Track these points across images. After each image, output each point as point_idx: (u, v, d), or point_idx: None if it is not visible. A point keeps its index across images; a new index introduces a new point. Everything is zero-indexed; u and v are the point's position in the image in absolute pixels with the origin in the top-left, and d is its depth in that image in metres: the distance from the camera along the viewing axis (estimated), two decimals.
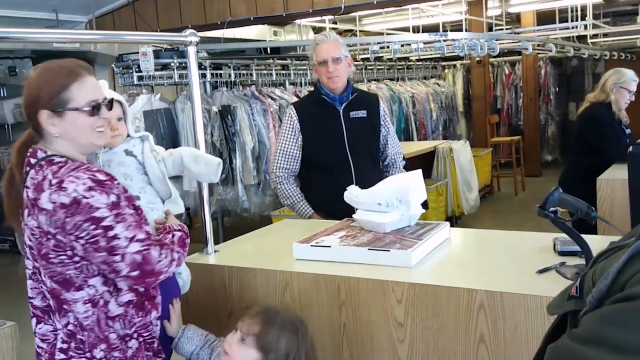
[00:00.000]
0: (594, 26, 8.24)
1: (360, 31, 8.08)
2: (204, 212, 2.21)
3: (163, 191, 1.84)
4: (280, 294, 1.87)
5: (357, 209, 2.16)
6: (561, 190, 1.50)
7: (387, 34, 8.02)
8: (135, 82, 4.98)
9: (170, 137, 4.85)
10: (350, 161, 2.73)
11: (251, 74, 5.60)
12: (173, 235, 1.61)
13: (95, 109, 1.49)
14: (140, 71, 4.75)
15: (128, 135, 1.83)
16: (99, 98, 1.51)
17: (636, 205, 1.97)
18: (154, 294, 1.60)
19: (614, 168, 3.51)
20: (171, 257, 1.51)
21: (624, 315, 0.59)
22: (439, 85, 8.58)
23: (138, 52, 4.67)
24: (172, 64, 4.91)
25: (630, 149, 2.31)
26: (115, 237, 1.40)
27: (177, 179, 3.71)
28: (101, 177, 1.42)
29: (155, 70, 4.81)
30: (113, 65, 5.35)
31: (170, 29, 5.45)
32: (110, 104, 1.57)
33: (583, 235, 1.58)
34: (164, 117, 4.81)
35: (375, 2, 4.72)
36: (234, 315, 1.91)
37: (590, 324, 0.64)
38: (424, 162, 5.79)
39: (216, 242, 2.26)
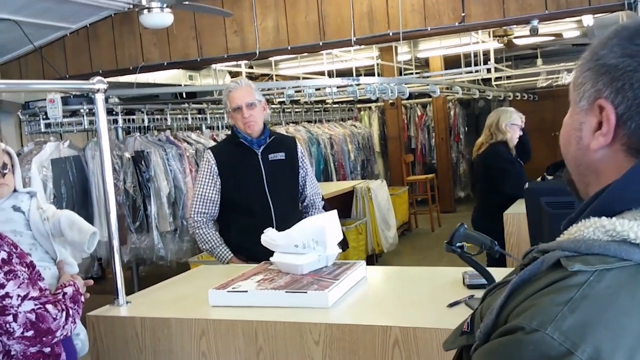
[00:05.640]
0: (497, 69, 8.79)
1: (276, 75, 8.20)
2: (114, 262, 2.12)
3: (50, 250, 1.77)
4: (195, 343, 1.81)
5: (274, 252, 2.15)
6: (466, 226, 1.57)
7: (303, 78, 8.21)
8: (43, 130, 4.78)
9: (80, 185, 4.66)
10: (270, 203, 2.73)
11: (166, 119, 5.51)
12: (64, 293, 1.53)
13: None
14: (48, 118, 4.58)
15: (15, 190, 1.77)
16: None
17: (534, 237, 2.09)
18: (58, 352, 1.51)
19: (519, 203, 3.69)
20: (67, 313, 1.44)
21: (505, 348, 0.62)
22: (356, 127, 8.80)
23: (45, 99, 4.50)
24: (82, 111, 4.77)
25: (527, 185, 2.45)
26: (6, 295, 1.32)
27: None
28: None
29: (64, 116, 4.63)
30: (19, 113, 5.12)
31: (80, 75, 5.30)
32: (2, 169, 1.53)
33: (490, 268, 1.65)
34: (73, 165, 4.62)
35: (289, 48, 4.81)
36: None
37: (478, 359, 0.66)
38: (343, 202, 5.87)
39: (131, 293, 2.18)
